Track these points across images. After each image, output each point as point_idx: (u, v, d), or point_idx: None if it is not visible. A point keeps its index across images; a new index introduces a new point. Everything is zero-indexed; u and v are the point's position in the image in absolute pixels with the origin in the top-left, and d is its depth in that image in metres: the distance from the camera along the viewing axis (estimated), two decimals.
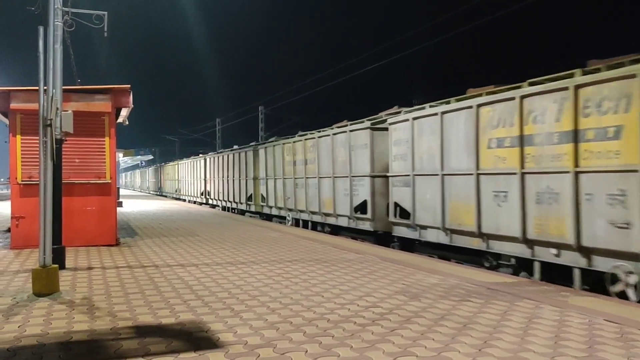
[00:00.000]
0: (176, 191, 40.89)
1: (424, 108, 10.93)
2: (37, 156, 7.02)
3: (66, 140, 8.82)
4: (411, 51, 21.19)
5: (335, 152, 14.25)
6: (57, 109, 7.95)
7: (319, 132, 15.62)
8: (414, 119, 10.86)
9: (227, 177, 25.69)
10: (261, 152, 20.64)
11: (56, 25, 8.35)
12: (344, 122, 14.61)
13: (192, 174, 34.56)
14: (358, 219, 13.08)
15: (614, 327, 4.92)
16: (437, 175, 10.14)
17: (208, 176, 29.87)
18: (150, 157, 64.87)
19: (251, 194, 22.07)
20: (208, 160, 29.94)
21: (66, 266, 8.23)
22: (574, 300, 6.07)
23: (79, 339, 4.59)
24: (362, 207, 12.89)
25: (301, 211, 16.76)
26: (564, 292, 6.52)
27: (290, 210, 17.73)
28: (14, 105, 10.38)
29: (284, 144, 18.25)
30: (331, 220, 14.69)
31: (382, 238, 12.37)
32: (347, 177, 13.50)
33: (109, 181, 11.06)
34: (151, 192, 57.25)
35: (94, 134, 10.97)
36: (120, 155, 30.42)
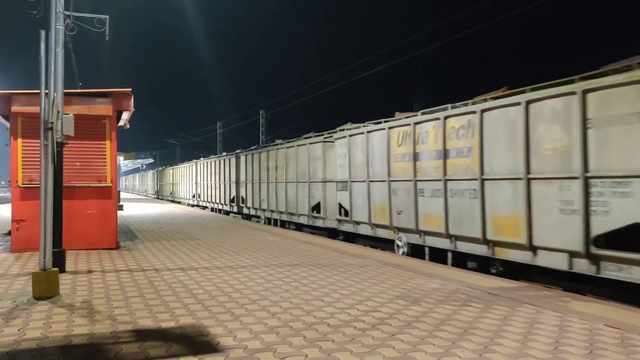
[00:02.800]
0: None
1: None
2: (38, 159, 7.02)
3: (67, 144, 8.83)
4: (413, 55, 21.20)
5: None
6: (59, 112, 7.95)
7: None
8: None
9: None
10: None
11: (58, 29, 8.36)
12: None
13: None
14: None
15: (614, 333, 4.91)
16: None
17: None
18: (151, 160, 64.98)
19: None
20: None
21: (66, 269, 8.23)
22: (574, 305, 6.06)
23: (78, 342, 4.58)
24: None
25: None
26: (564, 297, 6.51)
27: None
28: (15, 108, 10.39)
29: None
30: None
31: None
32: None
33: (110, 184, 11.06)
34: (151, 196, 57.25)
35: (95, 137, 10.98)
36: (121, 159, 30.39)
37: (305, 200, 16.18)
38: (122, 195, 45.52)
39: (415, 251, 10.79)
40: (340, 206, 13.79)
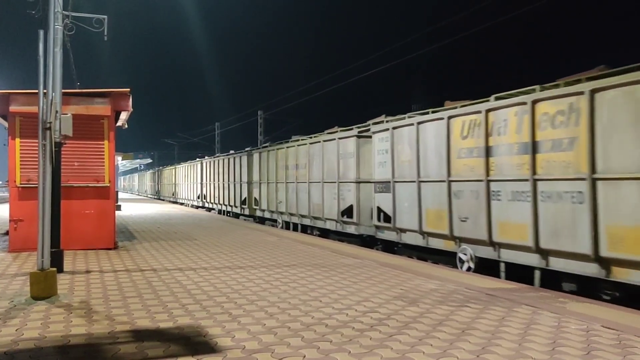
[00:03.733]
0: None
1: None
2: (36, 159, 7.02)
3: (65, 144, 8.82)
4: (411, 56, 21.23)
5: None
6: (57, 112, 7.95)
7: (312, 137, 16.23)
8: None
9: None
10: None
11: (56, 29, 8.36)
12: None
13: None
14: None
15: (611, 334, 4.92)
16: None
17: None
18: (149, 160, 64.92)
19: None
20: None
21: (64, 270, 8.22)
22: (572, 306, 6.07)
23: (76, 342, 4.58)
24: (348, 212, 13.57)
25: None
26: (562, 299, 6.53)
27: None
28: (13, 108, 10.39)
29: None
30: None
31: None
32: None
33: (108, 184, 11.05)
34: (149, 196, 57.18)
35: (93, 137, 10.98)
36: (119, 159, 30.38)
37: (333, 203, 14.19)
38: (120, 195, 45.50)
39: (485, 267, 8.88)
40: (380, 210, 11.99)
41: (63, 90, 8.69)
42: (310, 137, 16.25)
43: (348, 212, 13.44)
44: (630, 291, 6.81)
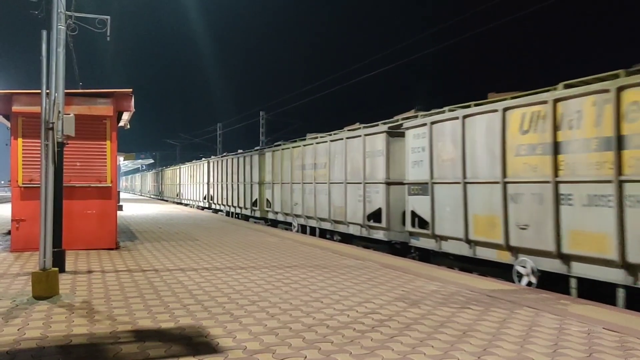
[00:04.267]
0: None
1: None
2: (39, 159, 7.03)
3: (67, 144, 8.83)
4: (414, 57, 21.23)
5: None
6: (59, 112, 7.97)
7: (332, 134, 14.98)
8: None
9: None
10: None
11: (59, 29, 8.39)
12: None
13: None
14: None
15: (613, 336, 4.92)
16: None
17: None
18: (151, 161, 65.04)
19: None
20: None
21: (66, 269, 8.23)
22: (573, 308, 6.07)
23: (78, 342, 4.59)
24: (376, 215, 12.30)
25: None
26: (563, 301, 6.52)
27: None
28: (16, 108, 10.40)
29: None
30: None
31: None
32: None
33: (110, 185, 11.07)
34: (151, 196, 57.20)
35: (96, 138, 10.99)
36: (121, 159, 30.39)
37: (358, 206, 12.89)
38: (122, 195, 45.52)
39: (550, 281, 7.82)
40: (415, 215, 10.80)
41: (66, 91, 8.71)
42: (330, 134, 15.04)
43: (375, 216, 12.22)
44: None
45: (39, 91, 6.94)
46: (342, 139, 13.92)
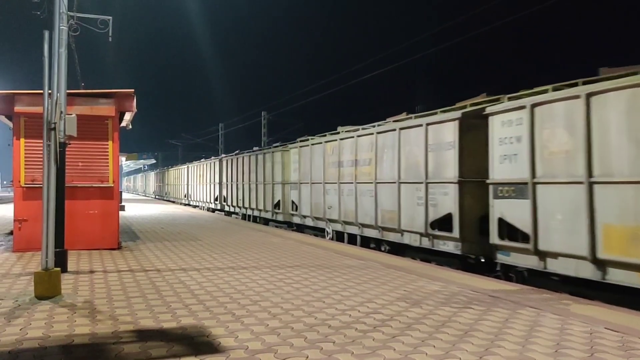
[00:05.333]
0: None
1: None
2: (41, 159, 7.06)
3: (70, 144, 8.86)
4: (415, 57, 21.24)
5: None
6: (61, 112, 7.98)
7: (377, 125, 12.97)
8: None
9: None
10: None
11: (61, 29, 8.41)
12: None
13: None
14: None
15: (615, 336, 4.91)
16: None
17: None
18: (153, 161, 65.15)
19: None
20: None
21: (68, 269, 8.25)
22: (575, 308, 6.06)
23: (80, 342, 4.59)
24: (444, 222, 10.04)
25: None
26: (565, 300, 6.51)
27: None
28: (18, 108, 10.42)
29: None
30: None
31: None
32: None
33: (112, 185, 11.08)
34: (154, 197, 57.22)
35: (98, 138, 11.01)
36: (123, 159, 30.43)
37: (417, 211, 10.54)
38: (125, 196, 45.61)
39: None
40: (503, 223, 8.58)
41: (68, 91, 8.73)
42: (375, 125, 12.95)
43: (443, 223, 9.93)
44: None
45: (41, 91, 6.96)
46: (394, 130, 11.52)
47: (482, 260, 9.45)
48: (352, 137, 13.44)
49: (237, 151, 25.63)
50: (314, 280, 7.65)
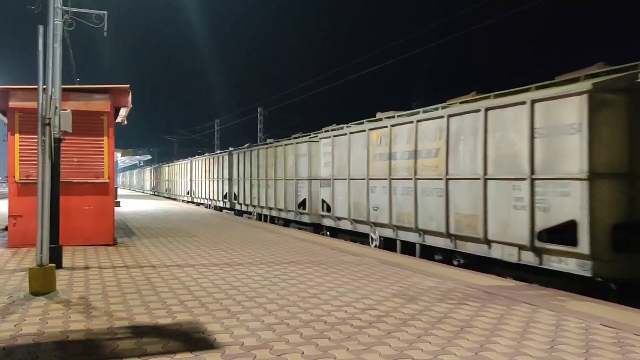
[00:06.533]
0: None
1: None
2: (36, 155, 7.01)
3: (65, 140, 8.81)
4: (411, 54, 21.23)
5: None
6: (56, 108, 7.94)
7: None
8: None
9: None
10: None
11: (56, 24, 8.35)
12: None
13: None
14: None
15: (610, 332, 4.93)
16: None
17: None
18: (149, 157, 64.88)
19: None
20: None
21: (63, 265, 8.22)
22: (571, 304, 6.08)
23: (75, 338, 4.58)
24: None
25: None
26: (561, 297, 6.53)
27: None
28: (12, 103, 10.37)
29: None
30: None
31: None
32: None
33: (107, 181, 11.05)
34: (148, 192, 57.07)
35: (93, 134, 10.96)
36: (118, 155, 30.32)
37: (515, 216, 8.14)
38: (120, 192, 45.42)
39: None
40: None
41: (62, 86, 8.69)
42: (444, 106, 10.35)
43: (558, 233, 7.55)
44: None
45: (36, 87, 6.92)
46: (476, 111, 9.08)
47: (616, 286, 7.11)
48: (411, 121, 10.84)
49: (248, 143, 24.50)
50: (309, 276, 7.65)
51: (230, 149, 26.51)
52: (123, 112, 12.26)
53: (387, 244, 11.84)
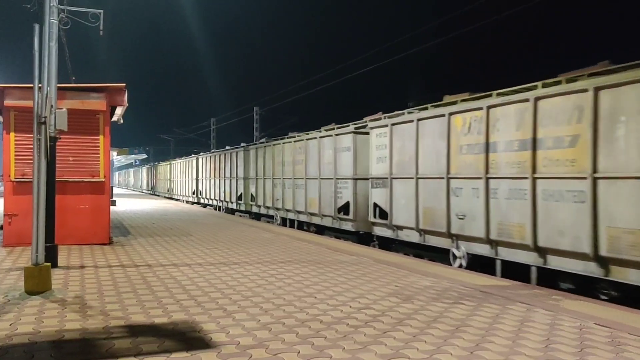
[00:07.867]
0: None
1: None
2: (31, 154, 6.99)
3: (60, 138, 8.78)
4: (407, 53, 21.24)
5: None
6: (52, 106, 7.91)
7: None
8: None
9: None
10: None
11: (52, 23, 8.31)
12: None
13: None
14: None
15: (605, 331, 4.95)
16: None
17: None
18: (145, 156, 64.75)
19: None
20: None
21: (59, 265, 8.20)
22: (566, 304, 6.10)
23: (70, 337, 4.57)
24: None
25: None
26: (556, 296, 6.55)
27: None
28: (8, 102, 10.33)
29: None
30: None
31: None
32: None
33: (103, 180, 11.03)
34: (146, 192, 56.92)
35: (89, 132, 10.94)
36: (114, 154, 30.26)
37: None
38: (116, 191, 45.32)
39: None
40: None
41: (58, 85, 8.65)
42: (569, 81, 7.74)
43: None
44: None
45: (31, 85, 6.89)
46: (637, 81, 6.59)
47: None
48: (526, 99, 8.17)
49: (264, 138, 22.53)
50: (305, 275, 7.65)
51: (250, 144, 23.37)
52: (119, 110, 12.23)
53: (479, 263, 9.28)
